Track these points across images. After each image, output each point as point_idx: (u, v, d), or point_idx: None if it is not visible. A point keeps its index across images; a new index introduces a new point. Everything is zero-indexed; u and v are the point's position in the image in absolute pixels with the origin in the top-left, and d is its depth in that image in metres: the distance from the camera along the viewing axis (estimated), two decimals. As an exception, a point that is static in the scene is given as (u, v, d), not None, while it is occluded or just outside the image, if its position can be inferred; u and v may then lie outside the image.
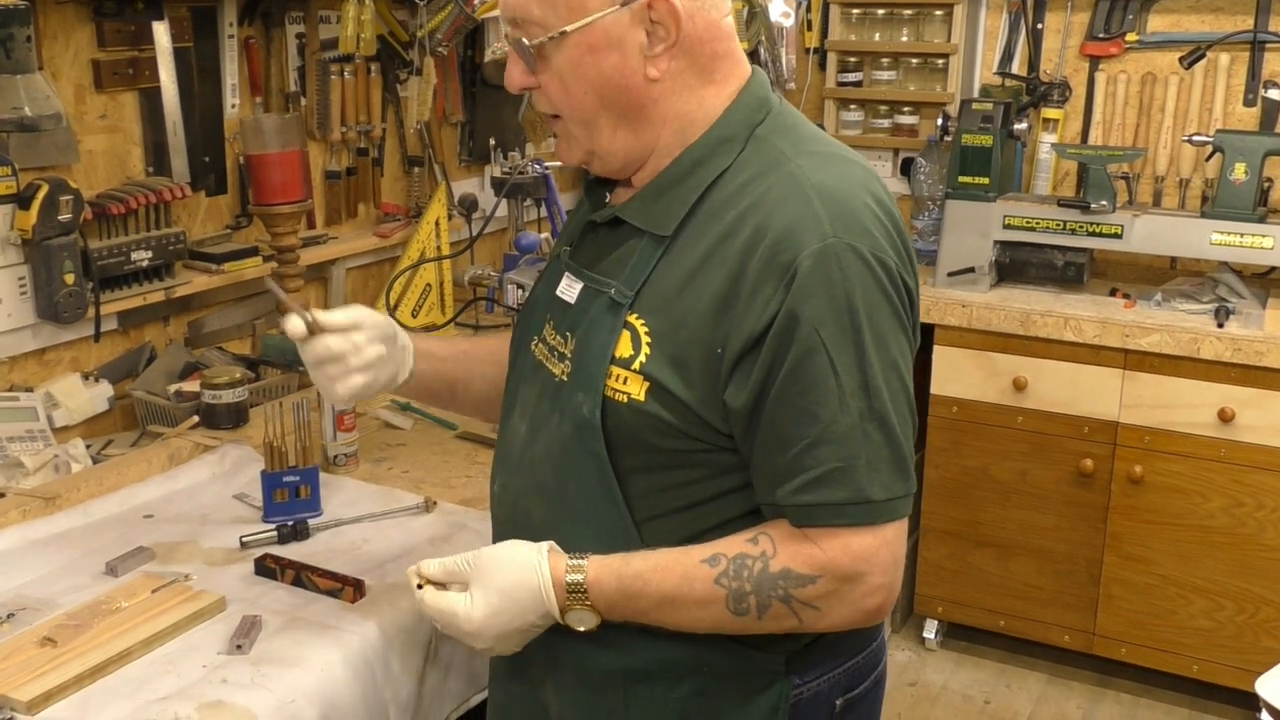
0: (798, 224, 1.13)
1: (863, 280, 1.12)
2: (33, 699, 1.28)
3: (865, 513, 1.14)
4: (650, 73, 1.18)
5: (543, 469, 1.26)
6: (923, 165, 3.49)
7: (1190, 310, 2.95)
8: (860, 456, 1.13)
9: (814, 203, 1.14)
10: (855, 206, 1.15)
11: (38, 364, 2.11)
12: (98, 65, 2.15)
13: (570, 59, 1.18)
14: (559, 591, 1.20)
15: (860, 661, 1.31)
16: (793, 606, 1.16)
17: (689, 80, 1.21)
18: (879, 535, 1.15)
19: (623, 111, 1.21)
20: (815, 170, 1.17)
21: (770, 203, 1.15)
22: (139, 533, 1.73)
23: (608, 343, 1.20)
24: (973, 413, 3.14)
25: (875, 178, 1.23)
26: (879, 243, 1.15)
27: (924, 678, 3.29)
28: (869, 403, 1.13)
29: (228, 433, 2.05)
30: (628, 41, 1.17)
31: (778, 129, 1.23)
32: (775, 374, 1.13)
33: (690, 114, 1.22)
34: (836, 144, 1.26)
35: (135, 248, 2.15)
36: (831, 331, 1.11)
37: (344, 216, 2.74)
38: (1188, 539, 2.96)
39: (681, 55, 1.19)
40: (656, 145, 1.23)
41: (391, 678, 1.47)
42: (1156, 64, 3.27)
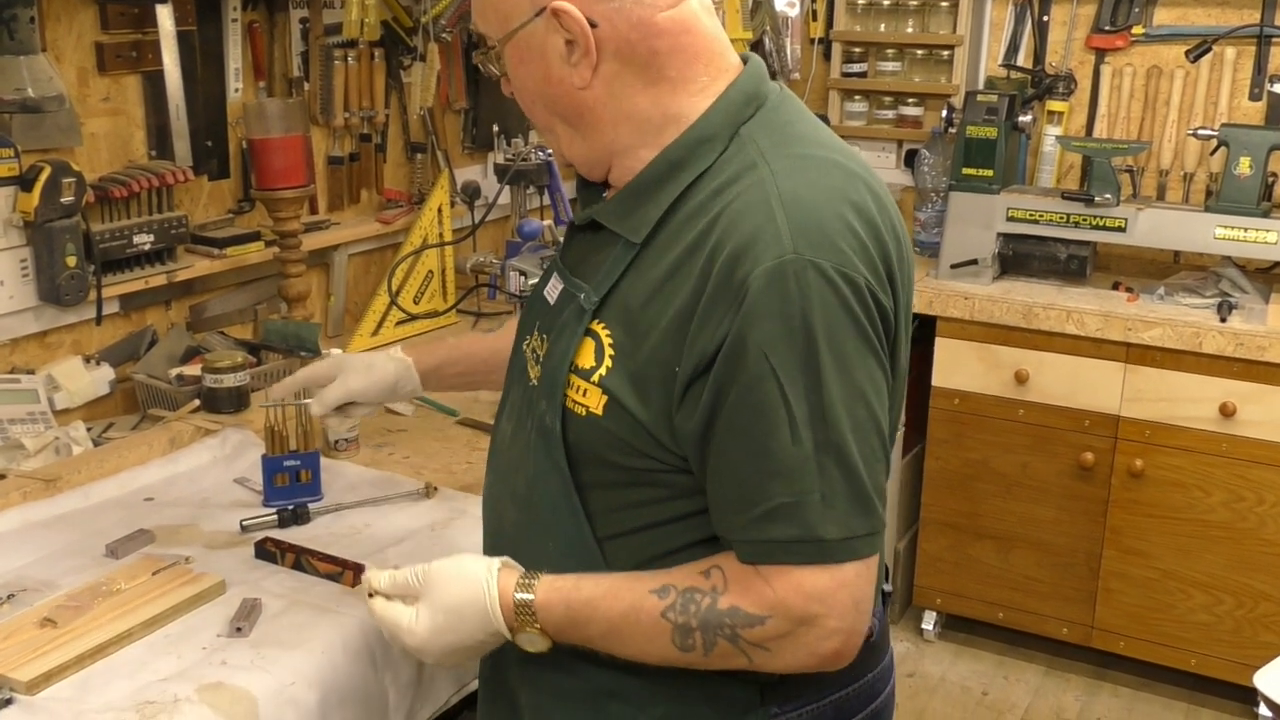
0: (756, 237, 1.05)
1: (824, 300, 1.03)
2: (33, 679, 1.28)
3: (817, 552, 1.05)
4: (576, 81, 1.14)
5: (516, 475, 1.23)
6: (926, 157, 3.48)
7: (1193, 304, 2.95)
8: (813, 492, 1.04)
9: (776, 214, 1.06)
10: (823, 218, 1.07)
11: (39, 346, 2.10)
12: (101, 48, 2.15)
13: (510, 70, 1.19)
14: (507, 611, 1.15)
15: (850, 694, 1.24)
16: (740, 646, 1.09)
17: (629, 81, 1.14)
18: (836, 576, 1.06)
19: (567, 118, 1.18)
20: (787, 176, 1.09)
21: (734, 212, 1.07)
22: (139, 515, 1.73)
23: (568, 350, 1.15)
24: (974, 405, 3.14)
25: (863, 185, 1.14)
26: (848, 258, 1.06)
27: (922, 669, 3.30)
28: (825, 434, 1.04)
29: (229, 417, 2.05)
30: (548, 50, 1.13)
31: (766, 127, 1.15)
32: (723, 400, 1.06)
33: (644, 113, 1.15)
34: (831, 144, 1.18)
35: (137, 231, 2.15)
36: (783, 357, 1.03)
37: (346, 202, 2.73)
38: (1188, 533, 2.96)
39: (609, 59, 1.12)
40: (614, 148, 1.17)
41: (391, 661, 1.47)
42: (1162, 57, 3.27)
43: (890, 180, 3.68)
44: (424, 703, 1.55)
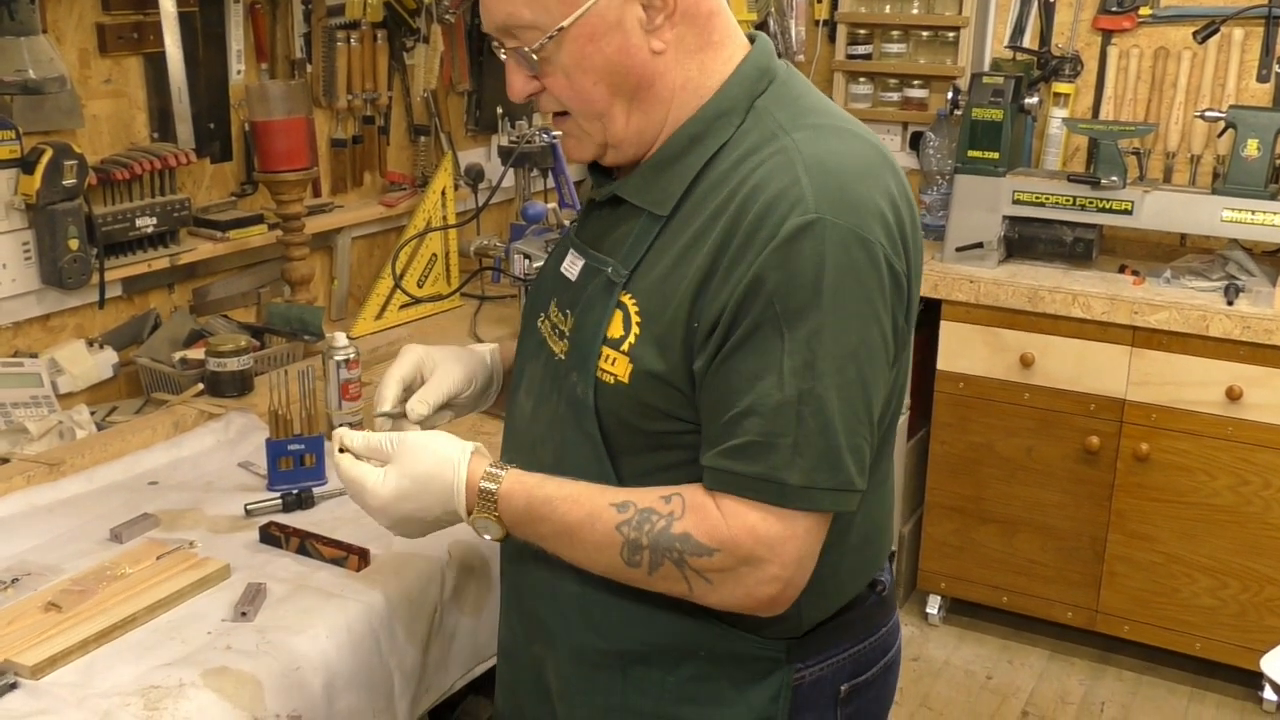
0: (780, 197, 1.09)
1: (838, 260, 1.08)
2: (37, 663, 1.28)
3: (775, 493, 1.09)
4: (655, 45, 1.15)
5: (543, 448, 1.25)
6: (932, 139, 3.46)
7: (1199, 288, 2.94)
8: (786, 436, 1.08)
9: (801, 177, 1.10)
10: (846, 182, 1.11)
11: (42, 330, 2.10)
12: (102, 29, 2.13)
13: (573, 54, 1.15)
14: (470, 494, 1.20)
15: (866, 648, 1.29)
16: (685, 572, 1.13)
17: (690, 45, 1.18)
18: (789, 524, 1.10)
19: (632, 93, 1.17)
20: (810, 144, 1.13)
21: (759, 177, 1.12)
22: (143, 499, 1.73)
23: (600, 322, 1.18)
24: (979, 388, 3.13)
25: (881, 154, 1.18)
26: (867, 223, 1.10)
27: (926, 653, 3.30)
28: (811, 385, 1.08)
29: (232, 400, 2.05)
30: (626, 20, 1.14)
31: (780, 100, 1.19)
32: (729, 339, 1.10)
33: (694, 81, 1.18)
34: (843, 116, 1.22)
35: (140, 214, 2.14)
36: (789, 305, 1.08)
37: (349, 185, 2.72)
38: (1193, 517, 2.95)
39: (681, 19, 1.16)
40: (667, 120, 1.19)
41: (396, 646, 1.47)
42: (1170, 38, 3.24)
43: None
44: (429, 688, 1.55)
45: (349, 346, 1.95)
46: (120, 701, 1.24)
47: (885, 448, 1.24)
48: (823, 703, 1.26)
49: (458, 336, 2.57)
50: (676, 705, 1.24)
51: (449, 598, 1.57)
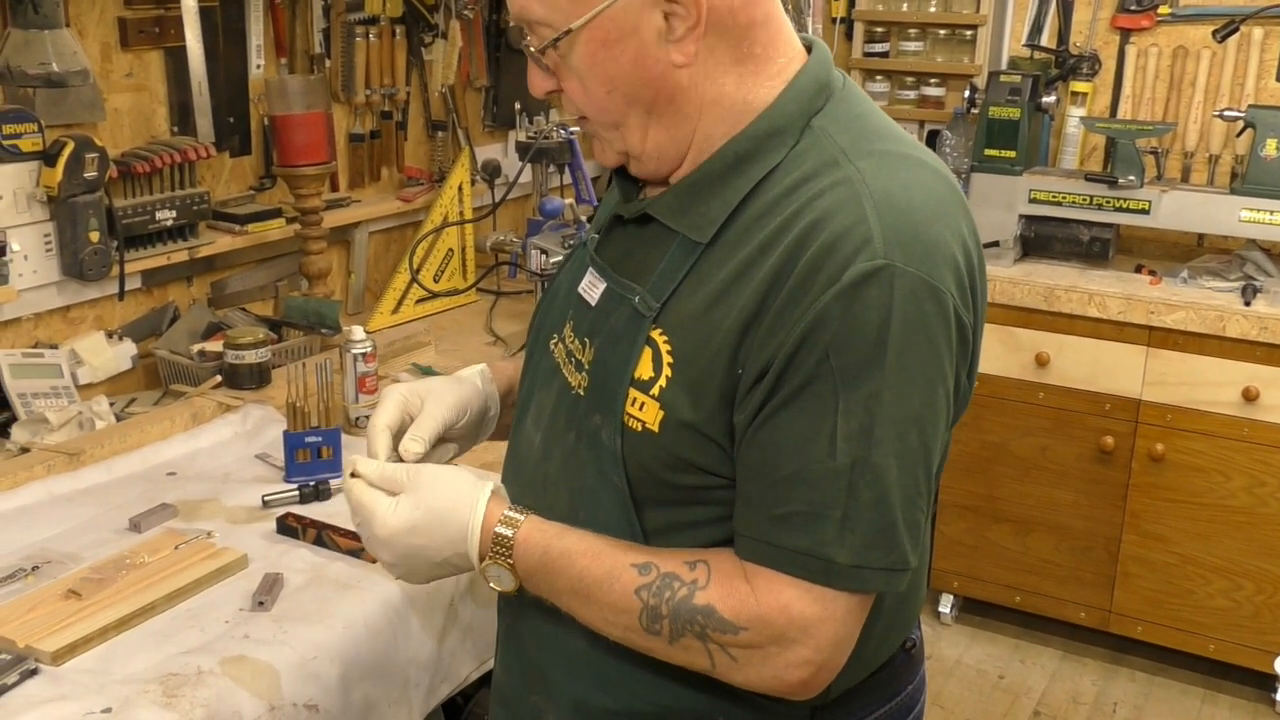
0: (846, 238, 0.97)
1: (906, 314, 0.96)
2: (58, 650, 1.30)
3: (819, 571, 0.98)
4: (676, 58, 1.03)
5: (556, 491, 1.14)
6: (949, 138, 3.46)
7: (1217, 288, 2.93)
8: (836, 508, 0.97)
9: (869, 215, 0.97)
10: (918, 224, 0.99)
11: (62, 321, 2.11)
12: (124, 23, 2.15)
13: (584, 57, 1.04)
14: (485, 536, 1.08)
15: (894, 708, 1.21)
16: (708, 646, 1.03)
17: (722, 58, 1.04)
18: (829, 605, 0.99)
19: (650, 106, 1.06)
20: (878, 175, 1.01)
21: (818, 211, 0.99)
22: (162, 490, 1.74)
23: (628, 360, 1.06)
24: (994, 387, 3.13)
25: (952, 187, 1.06)
26: (939, 271, 0.98)
27: (938, 652, 3.29)
28: (867, 453, 0.96)
29: (250, 393, 2.06)
30: (644, 27, 1.02)
31: (839, 119, 1.06)
32: (777, 393, 0.98)
33: (730, 97, 1.06)
34: (909, 141, 1.09)
35: (160, 207, 2.15)
36: (847, 362, 0.96)
37: (367, 180, 2.73)
38: (1208, 518, 2.94)
39: (711, 32, 1.03)
40: (695, 137, 1.07)
41: (411, 637, 1.48)
42: (1188, 37, 3.23)
43: (911, 161, 3.66)
44: (444, 679, 1.56)
45: (366, 340, 1.97)
46: (139, 688, 1.25)
47: (930, 507, 1.15)
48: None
49: (474, 331, 2.58)
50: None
51: (464, 590, 1.58)
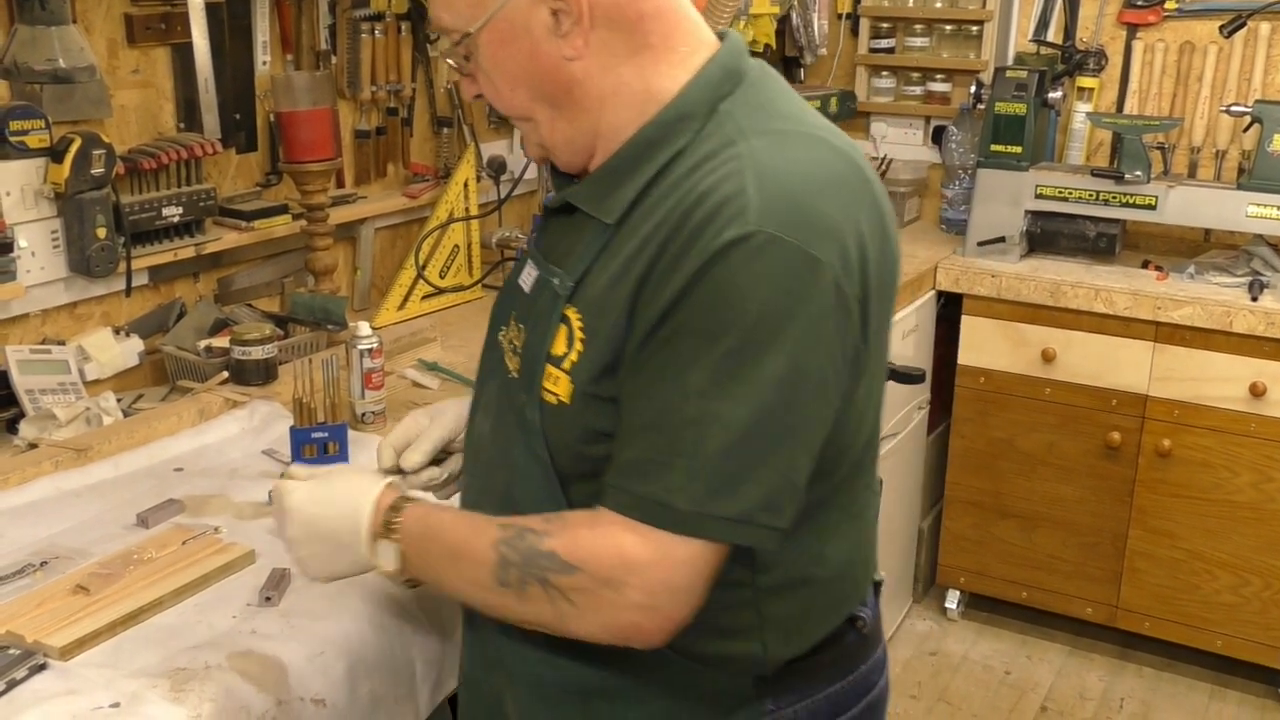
0: (724, 207, 1.01)
1: (774, 279, 0.99)
2: (66, 645, 1.30)
3: (657, 515, 1.02)
4: (566, 52, 1.09)
5: (497, 472, 1.20)
6: (954, 133, 3.46)
7: (1224, 283, 2.92)
8: (682, 457, 1.01)
9: (749, 186, 1.01)
10: (799, 194, 1.02)
11: (69, 317, 2.12)
12: (130, 20, 2.15)
13: (487, 58, 1.12)
14: (379, 511, 1.18)
15: (845, 687, 1.23)
16: (549, 593, 1.06)
17: (616, 50, 1.10)
18: (664, 550, 1.02)
19: (552, 99, 1.12)
20: (768, 151, 1.05)
21: (706, 185, 1.03)
22: (169, 485, 1.74)
23: (545, 337, 1.12)
24: (1000, 383, 3.13)
25: (854, 165, 1.10)
26: (817, 240, 1.01)
27: (945, 647, 3.29)
28: (719, 405, 1.00)
29: (257, 389, 2.06)
30: (534, 25, 1.08)
31: (746, 103, 1.11)
32: (645, 349, 1.04)
33: (629, 87, 1.11)
34: (817, 123, 1.13)
35: (166, 203, 2.15)
36: (710, 320, 1.00)
37: (373, 176, 2.73)
38: (1215, 514, 2.94)
39: (599, 24, 1.08)
40: (599, 128, 1.12)
41: (419, 633, 1.48)
42: (1195, 32, 3.23)
43: (917, 157, 3.66)
44: (451, 673, 1.56)
45: (372, 336, 1.97)
46: (147, 683, 1.25)
47: (858, 480, 1.19)
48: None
49: (479, 326, 2.56)
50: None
51: (471, 585, 1.58)
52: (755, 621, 1.15)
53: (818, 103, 3.35)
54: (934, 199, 3.64)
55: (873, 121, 3.72)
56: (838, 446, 1.11)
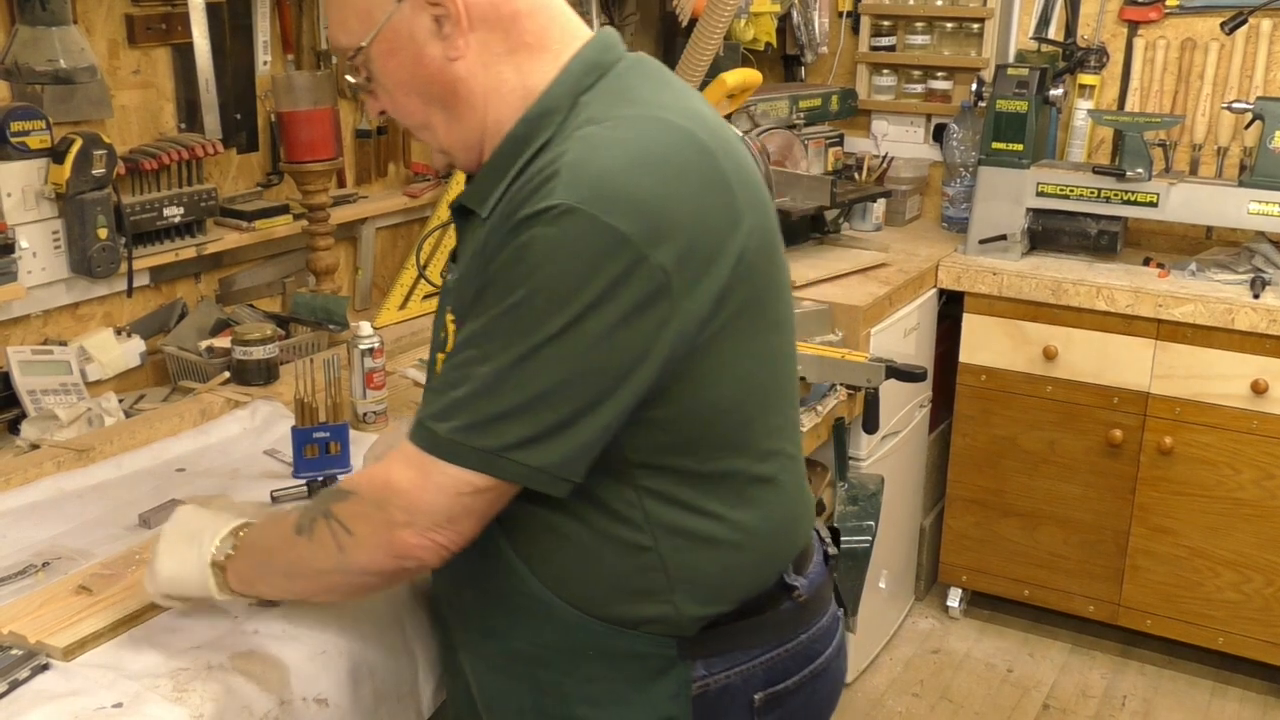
0: (539, 189, 1.08)
1: (561, 243, 1.05)
2: (69, 645, 1.30)
3: (422, 439, 1.11)
4: (449, 54, 1.17)
5: None
6: (955, 131, 3.45)
7: (1225, 281, 2.92)
8: (455, 389, 1.09)
9: (564, 167, 1.08)
10: (608, 170, 1.07)
11: (71, 318, 2.12)
12: (131, 20, 2.15)
13: (381, 71, 1.20)
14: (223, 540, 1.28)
15: (782, 655, 1.27)
16: (331, 526, 1.16)
17: (495, 48, 1.17)
18: (426, 474, 1.10)
19: (442, 102, 1.20)
20: (595, 135, 1.11)
21: (536, 173, 1.11)
22: (171, 486, 1.74)
23: (437, 328, 1.23)
24: (1002, 381, 3.12)
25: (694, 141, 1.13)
26: (617, 210, 1.05)
27: (947, 645, 3.29)
28: (494, 348, 1.08)
29: (258, 389, 2.06)
30: (418, 31, 1.16)
31: (604, 94, 1.17)
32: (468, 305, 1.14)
33: (509, 84, 1.18)
34: (666, 104, 1.17)
35: (167, 204, 2.15)
36: (501, 278, 1.08)
37: (374, 176, 2.73)
38: (1217, 511, 2.94)
39: (477, 25, 1.16)
40: (485, 125, 1.20)
41: (420, 631, 1.48)
42: (1197, 29, 3.22)
43: (918, 155, 3.65)
44: (453, 673, 1.56)
45: (373, 336, 1.97)
46: (150, 683, 1.25)
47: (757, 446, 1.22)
48: (736, 711, 1.26)
49: (481, 327, 2.57)
50: (580, 707, 1.25)
51: (472, 585, 1.58)
52: (664, 583, 1.20)
53: (810, 102, 3.35)
54: (935, 197, 3.64)
55: (874, 119, 3.72)
56: (698, 413, 1.16)
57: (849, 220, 3.39)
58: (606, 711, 1.24)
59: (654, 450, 1.17)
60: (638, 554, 1.19)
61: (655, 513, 1.19)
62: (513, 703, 1.30)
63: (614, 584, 1.20)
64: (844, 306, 2.70)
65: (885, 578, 3.09)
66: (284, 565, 1.25)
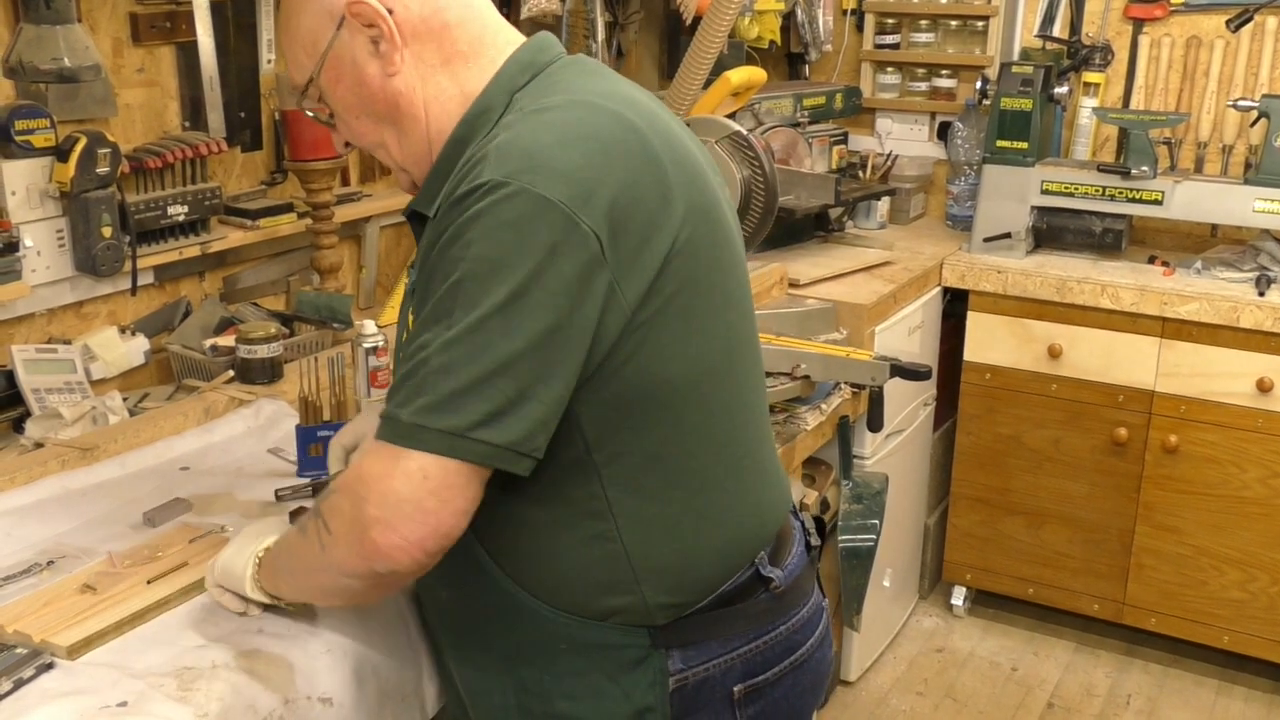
0: (469, 174, 1.11)
1: (494, 214, 1.07)
2: (73, 644, 1.30)
3: (388, 429, 1.09)
4: (388, 70, 1.21)
5: None
6: (960, 129, 3.45)
7: (1230, 279, 2.91)
8: (413, 376, 1.09)
9: (492, 151, 1.11)
10: (536, 147, 1.10)
11: (75, 317, 2.12)
12: (135, 19, 2.15)
13: (332, 98, 1.26)
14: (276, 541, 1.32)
15: (760, 647, 1.28)
16: (317, 524, 1.17)
17: (430, 60, 1.22)
18: (393, 463, 1.08)
19: (390, 118, 1.24)
20: (523, 121, 1.15)
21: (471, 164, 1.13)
22: (175, 484, 1.74)
23: (400, 332, 1.26)
24: (1006, 380, 3.12)
25: (621, 121, 1.15)
26: (546, 181, 1.07)
27: (951, 644, 3.29)
28: (442, 330, 1.08)
29: (262, 387, 2.06)
30: (358, 53, 1.21)
31: (537, 91, 1.21)
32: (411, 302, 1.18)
33: (447, 92, 1.23)
34: (598, 91, 1.19)
35: (171, 202, 2.15)
36: (442, 258, 1.10)
37: (378, 174, 2.73)
38: (1222, 509, 2.93)
39: (410, 40, 1.21)
40: (430, 134, 1.24)
41: (425, 631, 1.48)
42: (1202, 27, 3.21)
43: (923, 153, 3.65)
44: (457, 671, 1.56)
45: (378, 334, 1.97)
46: (154, 682, 1.25)
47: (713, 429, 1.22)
48: (716, 703, 1.26)
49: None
50: (559, 701, 1.26)
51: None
52: (629, 574, 1.21)
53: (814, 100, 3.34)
54: (940, 195, 3.63)
55: (878, 117, 3.71)
56: (652, 392, 1.17)
57: (853, 218, 3.39)
58: (584, 704, 1.25)
59: (610, 431, 1.17)
60: (602, 544, 1.20)
61: (618, 503, 1.19)
62: (496, 700, 1.31)
63: (580, 576, 1.21)
64: (848, 305, 2.70)
65: (889, 576, 3.09)
66: (288, 564, 1.28)
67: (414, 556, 1.11)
